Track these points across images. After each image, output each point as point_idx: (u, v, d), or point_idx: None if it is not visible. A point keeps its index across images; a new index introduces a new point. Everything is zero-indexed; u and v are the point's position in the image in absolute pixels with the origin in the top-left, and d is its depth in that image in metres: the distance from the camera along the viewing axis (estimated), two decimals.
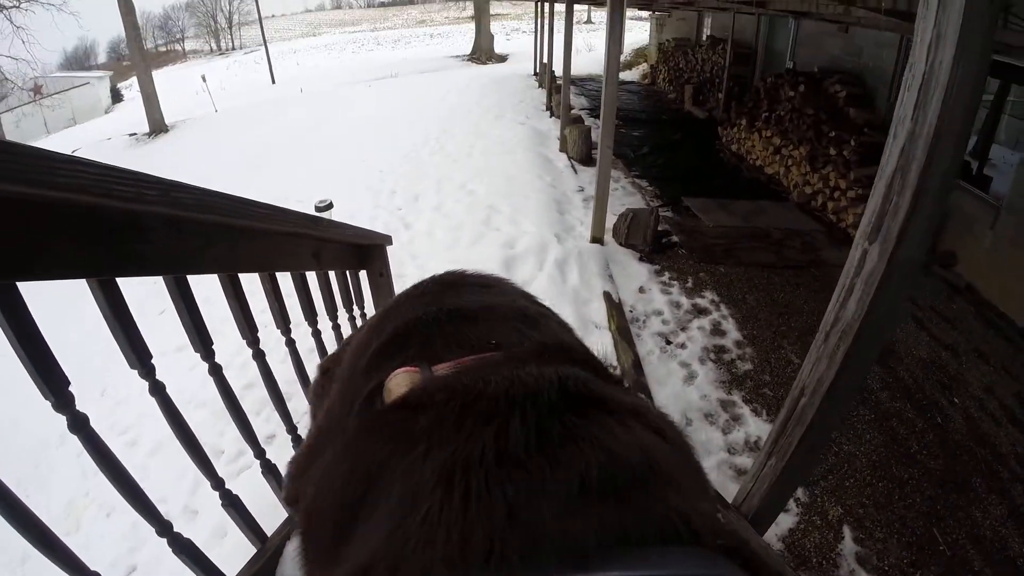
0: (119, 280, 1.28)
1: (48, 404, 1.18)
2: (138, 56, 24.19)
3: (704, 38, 17.41)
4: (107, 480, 1.34)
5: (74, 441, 1.28)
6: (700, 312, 6.11)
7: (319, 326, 2.64)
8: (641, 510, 0.36)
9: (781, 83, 10.72)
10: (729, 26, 14.23)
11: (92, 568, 1.27)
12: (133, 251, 1.21)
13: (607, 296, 6.21)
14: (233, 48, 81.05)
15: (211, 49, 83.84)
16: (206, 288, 1.78)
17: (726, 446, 4.49)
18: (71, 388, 1.18)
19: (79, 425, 1.23)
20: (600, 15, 49.07)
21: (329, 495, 0.46)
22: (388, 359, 0.59)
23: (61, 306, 4.87)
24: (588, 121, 12.56)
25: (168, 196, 1.22)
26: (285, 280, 2.20)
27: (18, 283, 1.03)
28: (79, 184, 0.98)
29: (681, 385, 5.12)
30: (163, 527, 1.54)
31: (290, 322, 2.26)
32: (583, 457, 0.39)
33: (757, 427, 4.63)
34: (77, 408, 1.21)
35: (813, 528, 3.85)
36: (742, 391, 5.03)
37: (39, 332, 1.09)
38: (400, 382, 0.53)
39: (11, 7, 26.92)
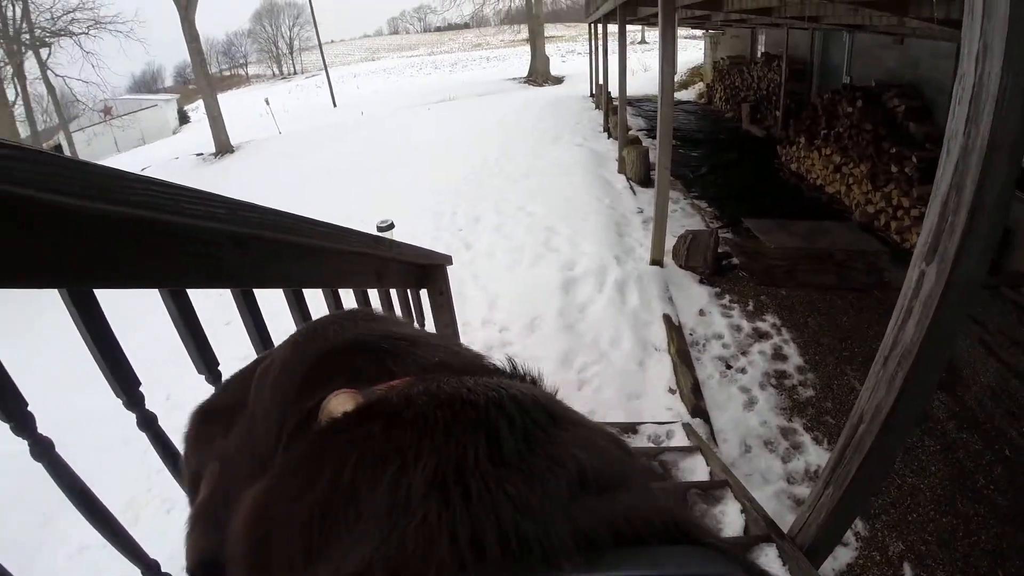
0: (188, 291, 1.37)
1: (115, 406, 1.27)
2: (203, 80, 25.25)
3: (759, 55, 17.26)
4: (172, 476, 1.35)
5: (137, 442, 1.37)
6: (761, 336, 6.05)
7: None
8: (631, 509, 0.37)
9: (838, 99, 10.57)
10: (783, 42, 14.07)
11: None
12: (202, 264, 1.27)
13: (667, 319, 6.22)
14: (295, 72, 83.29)
15: (273, 74, 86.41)
16: (273, 303, 1.87)
17: (785, 475, 4.42)
18: (140, 388, 1.27)
19: (147, 423, 1.30)
20: (653, 35, 48.93)
21: (289, 524, 0.41)
22: (321, 384, 0.56)
23: (132, 314, 5.12)
24: (646, 142, 12.55)
25: (235, 215, 1.29)
26: (348, 297, 2.28)
27: (95, 291, 1.12)
28: (153, 202, 1.05)
29: (741, 411, 5.08)
30: None
31: None
32: (572, 458, 0.40)
33: (818, 456, 4.55)
34: (146, 407, 1.29)
35: (872, 564, 3.74)
36: (803, 418, 4.96)
37: (113, 335, 1.18)
38: (342, 401, 0.51)
39: (80, 34, 28.22)
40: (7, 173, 0.77)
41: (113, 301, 1.18)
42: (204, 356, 1.48)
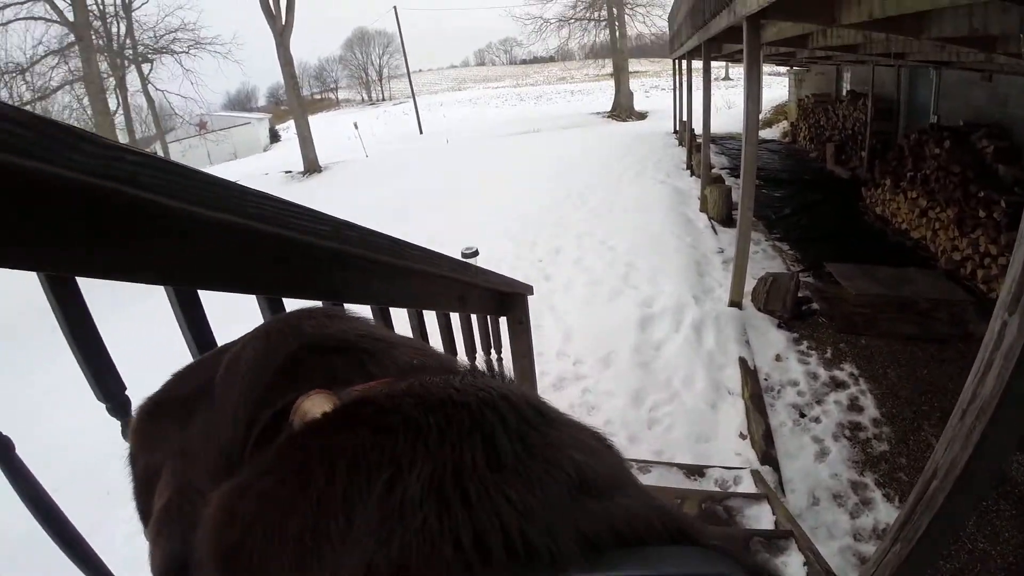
0: (284, 300, 1.41)
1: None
2: (295, 101, 26.63)
3: (844, 93, 16.90)
4: None
5: None
6: (838, 385, 5.94)
7: None
8: (632, 511, 0.37)
9: (925, 139, 10.33)
10: (869, 80, 13.80)
11: None
12: (300, 277, 1.32)
13: (742, 362, 6.22)
14: (383, 99, 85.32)
15: (362, 99, 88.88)
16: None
17: (852, 531, 4.31)
18: None
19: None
20: (738, 71, 48.44)
21: (268, 531, 0.39)
22: (295, 382, 0.54)
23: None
24: (728, 181, 12.49)
25: (339, 233, 1.33)
26: (429, 318, 2.29)
27: (199, 291, 1.18)
28: (264, 215, 1.09)
29: (812, 461, 5.00)
30: None
31: None
32: (570, 460, 0.40)
33: (888, 514, 4.39)
34: None
35: None
36: (876, 473, 4.82)
37: (212, 335, 1.26)
38: (318, 403, 0.49)
39: (181, 52, 29.74)
40: (134, 178, 0.81)
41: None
42: None
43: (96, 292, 1.04)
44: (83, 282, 0.97)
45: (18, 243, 0.76)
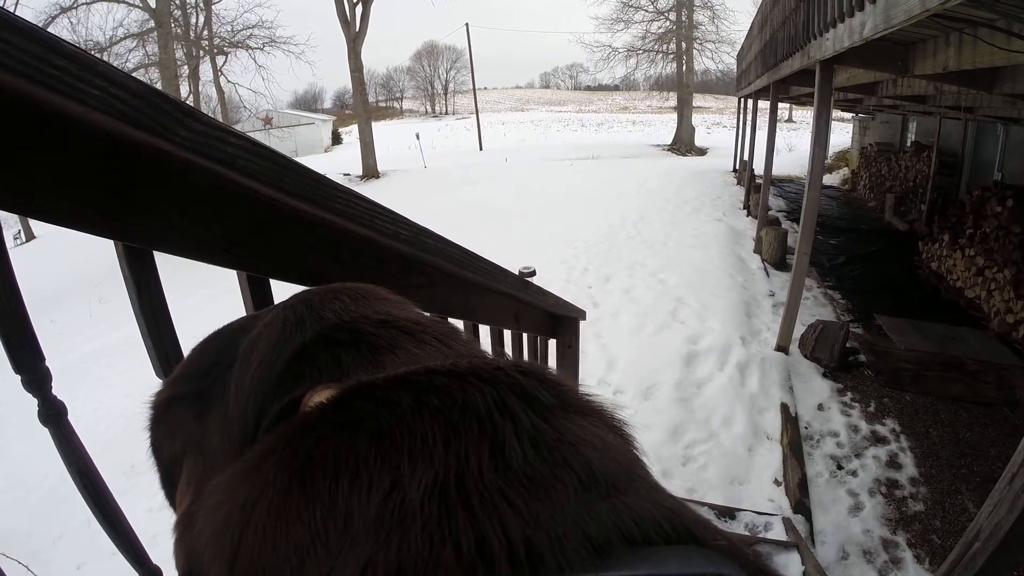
0: None
1: None
2: (360, 107, 27.53)
3: (908, 143, 16.74)
4: None
5: None
6: (878, 440, 5.87)
7: None
8: (640, 512, 0.37)
9: (988, 196, 10.16)
10: (935, 132, 13.55)
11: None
12: (372, 277, 1.21)
13: (784, 408, 6.21)
14: (446, 113, 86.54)
15: (426, 111, 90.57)
16: None
17: None
18: None
19: None
20: (801, 114, 48.18)
21: (264, 530, 0.38)
22: (304, 375, 0.53)
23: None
24: (785, 224, 12.46)
25: (417, 239, 1.36)
26: (482, 332, 2.29)
27: (271, 280, 1.15)
28: (351, 213, 1.11)
29: (845, 515, 4.95)
30: None
31: None
32: (580, 459, 0.39)
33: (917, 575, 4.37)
34: None
35: None
36: (908, 533, 4.74)
37: None
38: (326, 394, 0.47)
39: (255, 48, 30.54)
40: (233, 160, 0.83)
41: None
42: None
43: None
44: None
45: (109, 213, 0.78)
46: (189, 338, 0.76)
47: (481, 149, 37.55)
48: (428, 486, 0.36)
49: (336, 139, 54.54)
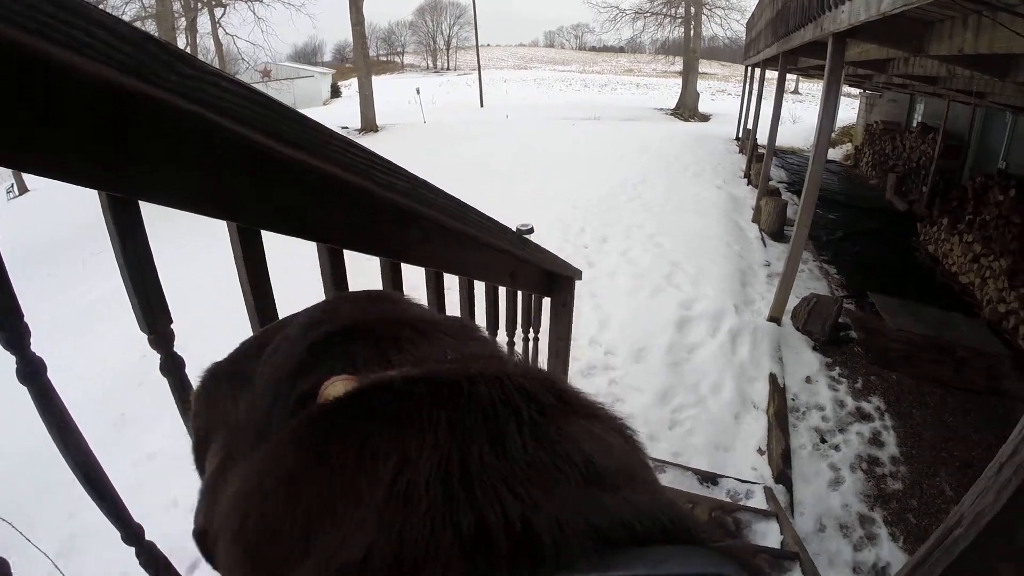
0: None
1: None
2: (361, 61, 27.12)
3: (915, 124, 16.62)
4: None
5: None
6: (863, 417, 5.91)
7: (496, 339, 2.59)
8: (638, 505, 0.37)
9: (991, 184, 10.10)
10: (942, 114, 13.45)
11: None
12: (364, 230, 1.32)
13: (772, 379, 6.23)
14: (448, 68, 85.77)
15: (427, 66, 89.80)
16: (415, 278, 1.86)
17: (853, 563, 4.31)
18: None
19: None
20: (807, 87, 47.83)
21: (279, 510, 0.40)
22: (316, 367, 0.54)
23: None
24: (785, 195, 12.39)
25: (415, 191, 1.33)
26: (478, 289, 2.30)
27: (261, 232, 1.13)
28: (348, 162, 1.08)
29: (825, 488, 5.00)
30: None
31: None
32: (581, 454, 0.40)
33: (890, 553, 4.37)
34: None
35: None
36: (885, 511, 4.79)
37: (268, 277, 1.23)
38: (341, 388, 0.48)
39: (256, 0, 30.10)
40: (219, 104, 0.80)
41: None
42: None
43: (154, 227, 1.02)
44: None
45: (98, 160, 0.75)
46: (183, 286, 0.73)
47: (482, 106, 37.13)
48: (433, 468, 0.37)
49: (335, 92, 53.85)
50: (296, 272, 2.77)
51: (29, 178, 21.39)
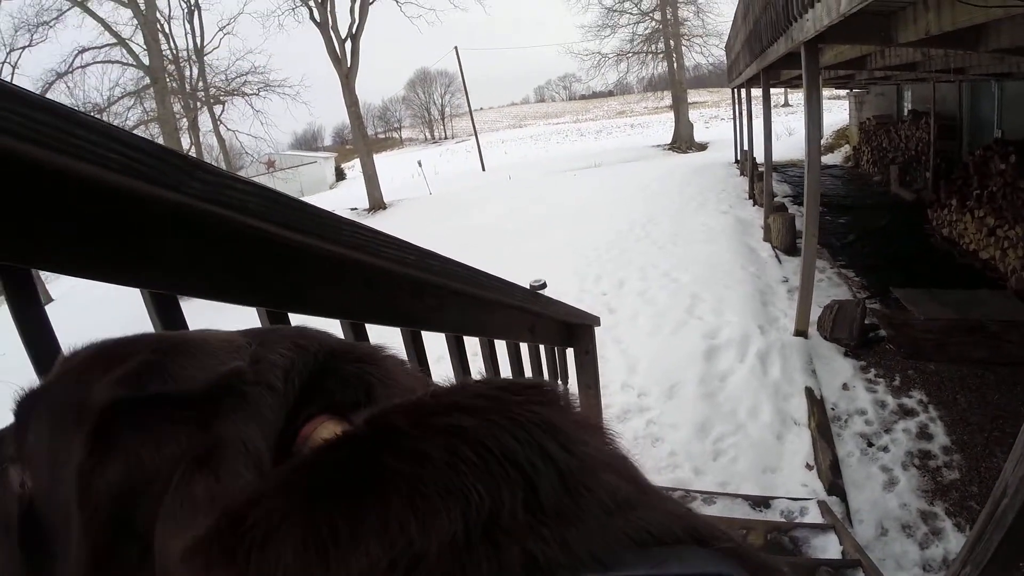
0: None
1: None
2: (360, 141, 27.97)
3: (906, 113, 16.58)
4: None
5: None
6: (906, 413, 5.82)
7: None
8: (654, 521, 0.37)
9: (990, 155, 10.02)
10: (930, 98, 13.47)
11: None
12: (384, 304, 1.36)
13: (809, 392, 6.19)
14: (446, 137, 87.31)
15: (425, 138, 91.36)
16: (440, 347, 1.92)
17: (922, 562, 4.21)
18: None
19: None
20: (796, 98, 47.85)
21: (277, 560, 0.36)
22: (299, 406, 0.52)
23: None
24: (792, 209, 12.39)
25: (423, 262, 1.38)
26: (499, 347, 2.33)
27: (289, 314, 1.14)
28: (358, 243, 1.13)
29: (880, 491, 4.91)
30: None
31: None
32: (600, 484, 0.39)
33: (959, 543, 4.20)
34: None
35: None
36: (946, 502, 4.69)
37: None
38: (332, 429, 0.47)
39: (251, 94, 30.93)
40: (244, 205, 0.86)
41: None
42: None
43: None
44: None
45: (128, 264, 0.80)
46: None
47: (484, 170, 37.46)
48: (457, 519, 0.36)
49: (340, 175, 54.99)
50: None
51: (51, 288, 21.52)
